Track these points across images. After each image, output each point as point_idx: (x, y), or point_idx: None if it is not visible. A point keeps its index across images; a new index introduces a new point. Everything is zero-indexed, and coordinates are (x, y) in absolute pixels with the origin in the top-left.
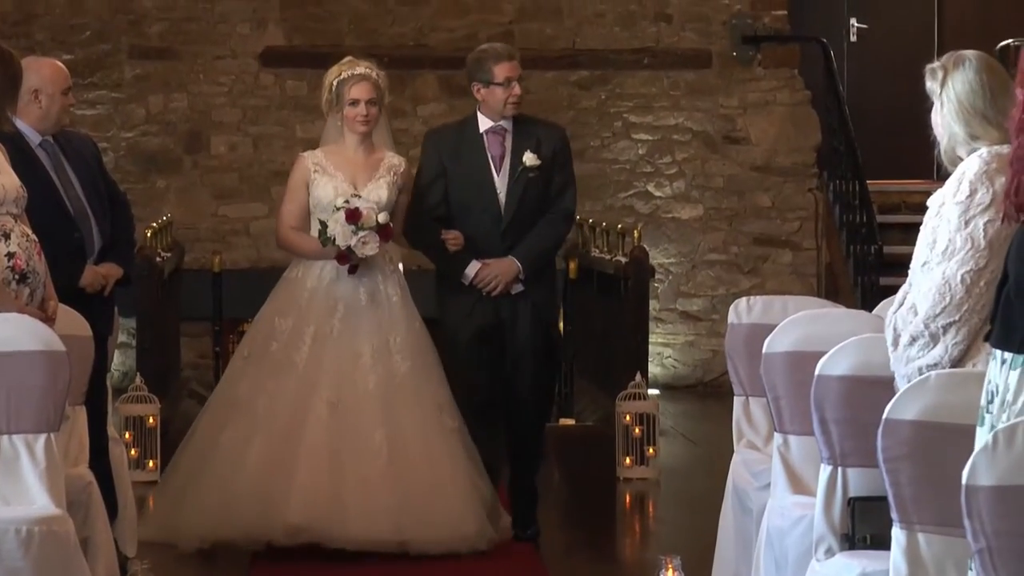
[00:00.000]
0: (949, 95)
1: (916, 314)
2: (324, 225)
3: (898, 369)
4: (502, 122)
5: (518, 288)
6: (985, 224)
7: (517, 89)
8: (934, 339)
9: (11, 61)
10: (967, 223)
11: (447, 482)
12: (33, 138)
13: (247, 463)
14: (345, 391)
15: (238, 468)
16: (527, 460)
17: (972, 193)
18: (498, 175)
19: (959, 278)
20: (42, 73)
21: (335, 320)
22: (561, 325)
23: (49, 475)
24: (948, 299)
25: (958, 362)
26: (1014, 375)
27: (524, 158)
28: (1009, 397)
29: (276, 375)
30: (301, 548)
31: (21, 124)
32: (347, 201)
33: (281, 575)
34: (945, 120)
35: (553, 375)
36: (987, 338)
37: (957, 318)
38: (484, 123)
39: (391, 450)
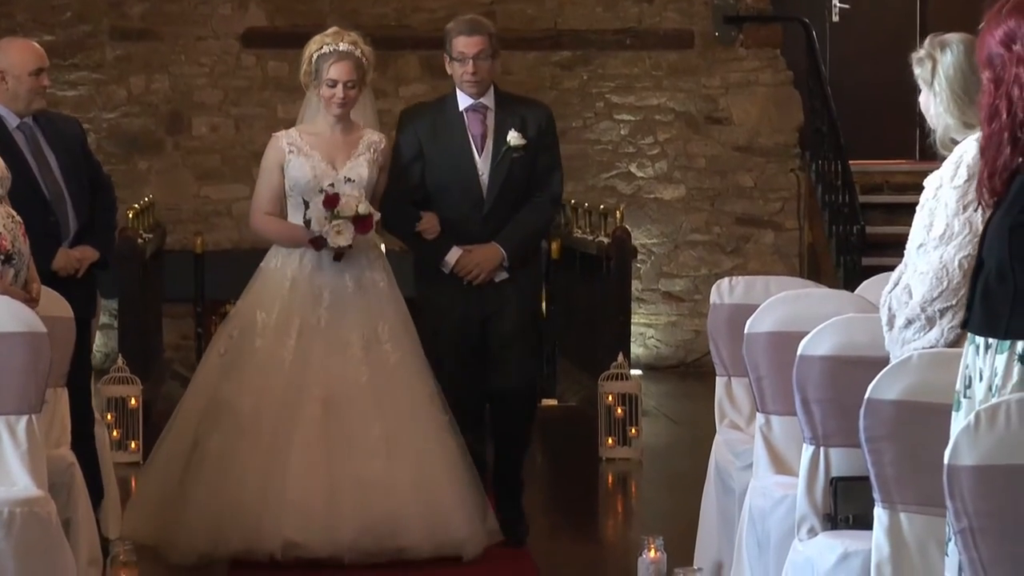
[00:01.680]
0: (941, 83)
1: (911, 296)
2: (306, 207)
3: (893, 350)
4: (483, 100)
5: (502, 276)
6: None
7: (470, 67)
8: (930, 322)
9: None
10: (965, 208)
11: (444, 481)
12: (11, 120)
13: (237, 473)
14: (337, 386)
15: (228, 479)
16: (513, 454)
17: (970, 178)
18: (480, 156)
19: (957, 263)
20: (8, 54)
21: (321, 310)
22: (544, 306)
23: (31, 456)
24: (946, 283)
25: (953, 345)
26: (1001, 359)
27: (508, 137)
28: (998, 381)
29: (262, 373)
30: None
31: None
32: (332, 184)
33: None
34: (938, 108)
35: (537, 365)
36: (964, 325)
37: (954, 302)
38: (464, 101)
39: (389, 448)
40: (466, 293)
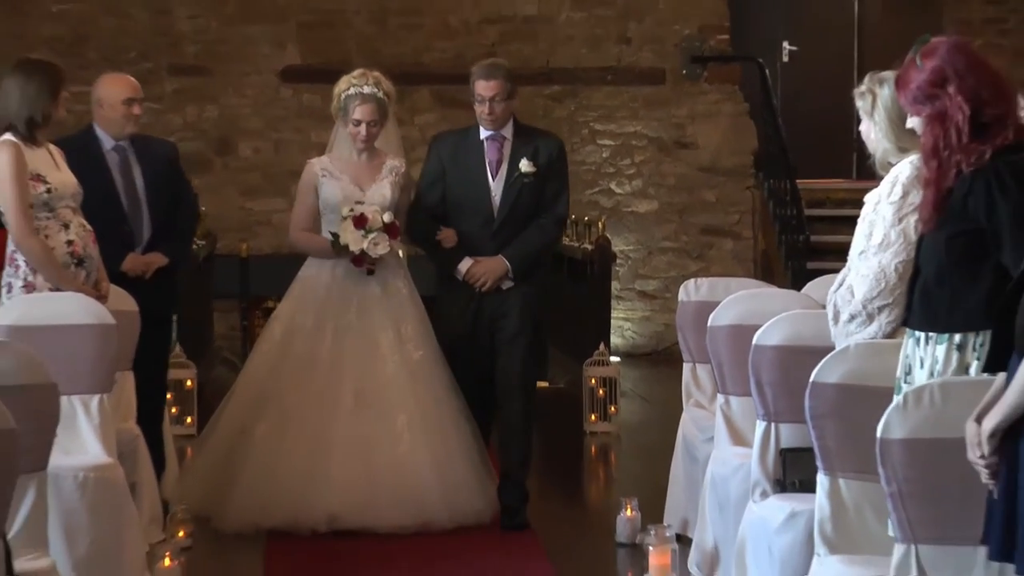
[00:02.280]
0: (880, 114)
1: (854, 295)
2: (335, 236)
3: (838, 342)
4: (503, 131)
5: (508, 284)
6: (915, 222)
7: (487, 107)
8: (870, 318)
9: (51, 70)
10: (900, 220)
11: (460, 461)
12: (107, 142)
13: (284, 457)
14: (368, 380)
15: (277, 461)
16: (516, 441)
17: (905, 195)
18: (493, 179)
19: (893, 267)
20: (105, 85)
21: (352, 313)
22: None
23: (102, 430)
24: (883, 284)
25: (889, 337)
26: (940, 349)
27: (520, 165)
28: (939, 368)
29: (303, 370)
30: None
31: (97, 129)
32: (351, 209)
33: (299, 549)
34: (877, 135)
35: (537, 365)
36: (904, 322)
37: (890, 301)
38: (485, 131)
39: (412, 433)
40: (475, 297)
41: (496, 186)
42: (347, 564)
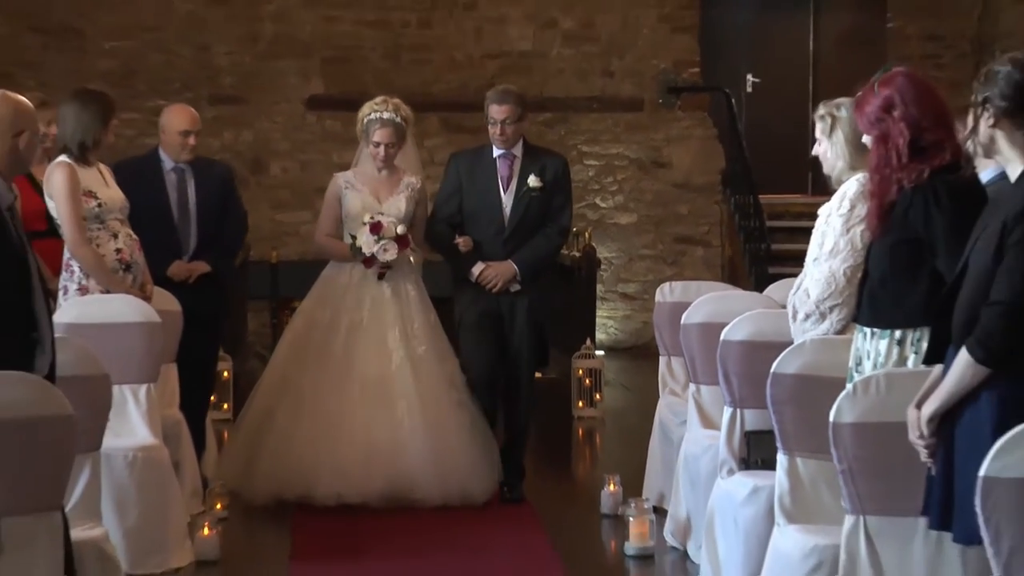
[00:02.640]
0: (837, 136)
1: (809, 297)
2: (353, 238)
3: (796, 337)
4: (513, 150)
5: (515, 287)
6: (861, 232)
7: (499, 129)
8: (823, 316)
9: (104, 100)
10: (848, 230)
11: (454, 447)
12: (167, 163)
13: (300, 437)
14: (373, 372)
15: (293, 441)
16: (518, 426)
17: (852, 208)
18: (505, 193)
19: (842, 272)
20: (168, 115)
21: (364, 312)
22: None
23: (149, 415)
24: (834, 287)
25: (840, 333)
26: (883, 343)
27: (528, 180)
28: (881, 360)
29: (318, 359)
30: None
31: (161, 151)
32: (371, 217)
33: (323, 521)
34: (834, 154)
35: (541, 363)
36: (855, 319)
37: (840, 301)
38: (497, 150)
39: (410, 421)
40: (486, 296)
41: (507, 199)
42: (366, 534)
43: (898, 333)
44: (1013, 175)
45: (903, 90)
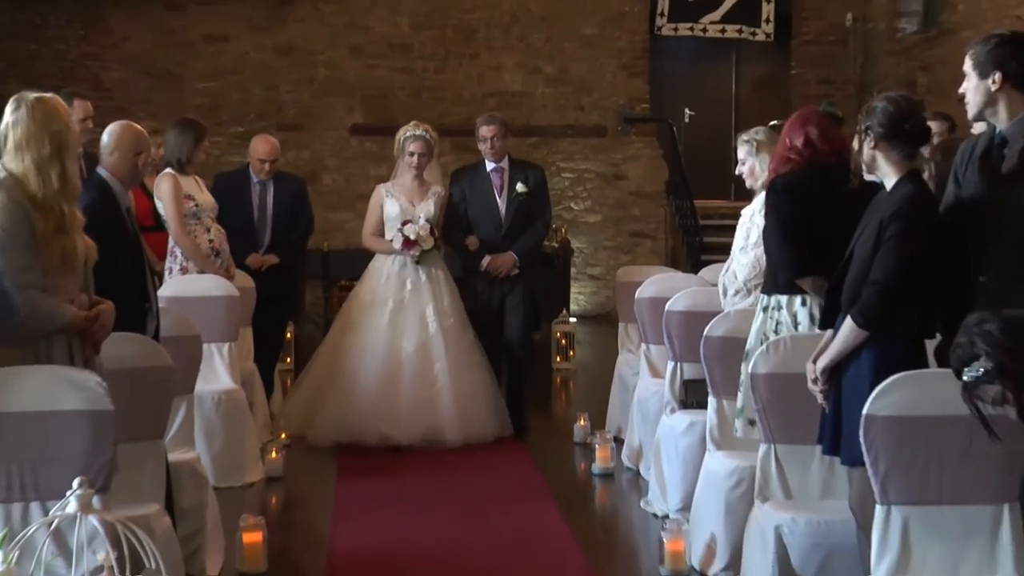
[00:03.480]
0: (762, 156)
1: (737, 277)
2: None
3: (727, 308)
4: (501, 164)
5: (515, 272)
6: None
7: (488, 144)
8: (749, 292)
9: (197, 127)
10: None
11: (478, 397)
12: (253, 177)
13: (356, 391)
14: (413, 340)
15: (350, 395)
16: (518, 378)
17: None
18: (499, 199)
19: (763, 259)
20: (253, 143)
21: (405, 293)
22: None
23: (230, 366)
24: (757, 269)
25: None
26: (783, 313)
27: (516, 187)
28: (789, 324)
29: (370, 331)
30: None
31: (250, 168)
32: (407, 222)
33: (363, 455)
34: (758, 168)
35: (535, 328)
36: (763, 289)
37: (760, 281)
38: (489, 164)
39: (441, 378)
40: (492, 282)
41: (502, 203)
42: (397, 458)
43: (797, 300)
44: (888, 185)
45: (793, 122)
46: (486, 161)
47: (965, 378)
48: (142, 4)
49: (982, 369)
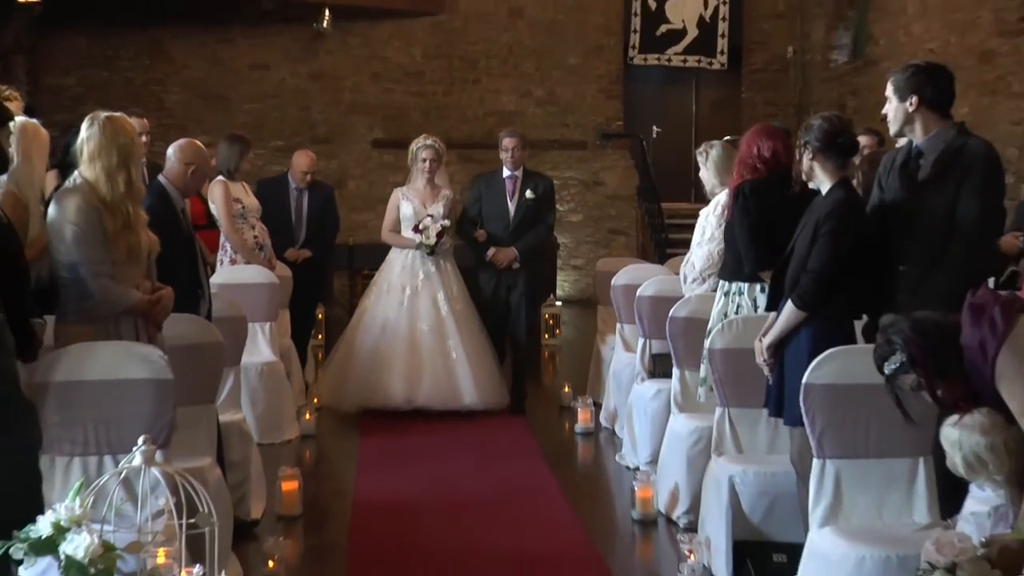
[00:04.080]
0: (711, 163)
1: (695, 268)
2: (418, 230)
3: (687, 293)
4: (516, 172)
5: (516, 265)
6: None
7: (509, 154)
8: (704, 280)
9: (243, 141)
10: (720, 225)
11: (485, 371)
12: (291, 184)
13: (378, 366)
14: (428, 321)
15: (375, 368)
16: (519, 355)
17: (723, 211)
18: (510, 201)
19: (716, 252)
20: (294, 156)
21: (419, 281)
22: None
23: (271, 341)
24: (712, 261)
25: (715, 290)
26: (744, 298)
27: (526, 193)
28: (747, 307)
29: (391, 313)
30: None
31: (289, 177)
32: (421, 221)
33: (383, 418)
34: (710, 175)
35: (533, 317)
36: (722, 276)
37: (715, 271)
38: (506, 172)
39: (456, 353)
40: (497, 273)
41: (512, 206)
42: (413, 418)
43: (757, 287)
44: (824, 190)
45: (751, 134)
46: (503, 168)
47: (886, 371)
48: (198, 37)
49: (898, 362)
